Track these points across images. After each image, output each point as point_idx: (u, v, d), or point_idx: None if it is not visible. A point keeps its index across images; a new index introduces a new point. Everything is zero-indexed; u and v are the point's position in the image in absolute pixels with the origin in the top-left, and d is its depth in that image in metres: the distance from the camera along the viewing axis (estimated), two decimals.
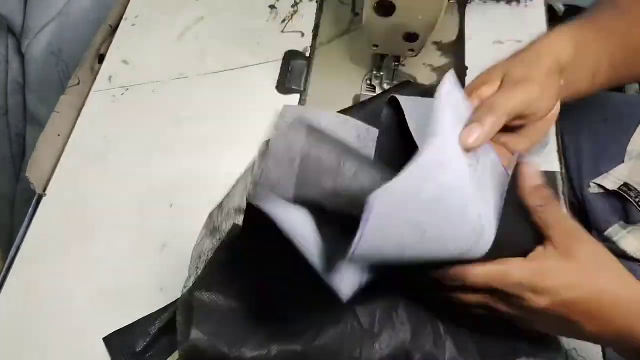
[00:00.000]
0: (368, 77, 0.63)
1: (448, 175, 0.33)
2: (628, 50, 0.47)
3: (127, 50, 0.66)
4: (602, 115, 0.64)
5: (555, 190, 0.53)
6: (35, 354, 0.47)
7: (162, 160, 0.57)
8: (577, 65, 0.44)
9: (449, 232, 0.34)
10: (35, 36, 0.78)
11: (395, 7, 0.49)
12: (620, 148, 0.60)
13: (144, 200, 0.55)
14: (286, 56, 0.65)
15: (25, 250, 0.52)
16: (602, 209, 0.58)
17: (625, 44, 0.47)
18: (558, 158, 0.56)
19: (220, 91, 0.62)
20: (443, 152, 0.33)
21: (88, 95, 0.62)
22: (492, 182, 0.38)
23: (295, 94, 0.62)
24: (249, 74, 0.64)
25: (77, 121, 0.60)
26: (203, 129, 0.59)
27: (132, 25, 0.68)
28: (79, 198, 0.55)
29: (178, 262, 0.51)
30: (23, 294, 0.50)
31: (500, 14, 0.68)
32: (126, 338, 0.47)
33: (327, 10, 0.69)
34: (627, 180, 0.57)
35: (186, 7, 0.69)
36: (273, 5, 0.70)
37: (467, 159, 0.35)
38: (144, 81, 0.63)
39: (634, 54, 0.47)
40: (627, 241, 0.52)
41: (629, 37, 0.47)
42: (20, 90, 0.84)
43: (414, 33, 0.53)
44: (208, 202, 0.54)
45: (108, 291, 0.50)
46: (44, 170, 0.56)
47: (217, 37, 0.67)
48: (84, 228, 0.53)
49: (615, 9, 0.48)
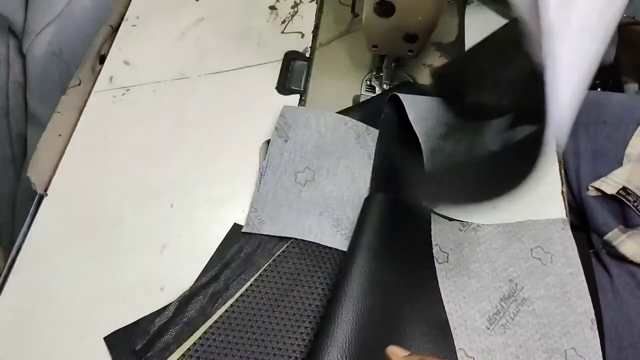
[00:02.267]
0: (368, 78, 0.64)
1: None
2: None
3: (127, 50, 0.66)
4: (600, 118, 0.64)
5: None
6: (36, 354, 0.47)
7: (162, 160, 0.57)
8: None
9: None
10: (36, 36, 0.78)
11: (394, 8, 0.50)
12: (618, 150, 0.60)
13: (144, 200, 0.55)
14: (286, 56, 0.65)
15: (26, 250, 0.52)
16: (601, 213, 0.58)
17: None
18: (557, 160, 0.56)
19: (220, 91, 0.62)
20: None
21: (89, 96, 0.62)
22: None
23: (295, 94, 0.62)
24: (249, 74, 0.64)
25: (78, 121, 0.60)
26: (203, 129, 0.60)
27: (133, 25, 0.68)
28: (80, 198, 0.55)
29: (178, 262, 0.51)
30: (24, 293, 0.50)
31: (500, 15, 0.68)
32: (127, 337, 0.47)
33: (326, 11, 0.69)
34: (626, 184, 0.57)
35: (187, 8, 0.70)
36: (273, 5, 0.70)
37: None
38: (144, 81, 0.63)
39: None
40: (626, 246, 0.52)
41: None
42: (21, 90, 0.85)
43: (413, 34, 0.53)
44: (208, 202, 0.55)
45: (108, 291, 0.50)
46: (45, 170, 0.57)
47: (218, 37, 0.67)
48: (85, 228, 0.53)
49: None
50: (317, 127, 0.57)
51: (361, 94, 0.63)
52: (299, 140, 0.56)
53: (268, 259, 0.51)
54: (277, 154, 0.56)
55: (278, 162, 0.56)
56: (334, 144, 0.56)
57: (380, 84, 0.62)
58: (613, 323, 0.50)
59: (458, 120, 0.49)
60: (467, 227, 0.52)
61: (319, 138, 0.56)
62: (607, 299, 0.51)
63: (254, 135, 0.59)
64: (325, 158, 0.55)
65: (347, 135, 0.57)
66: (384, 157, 0.56)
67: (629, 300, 0.50)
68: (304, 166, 0.55)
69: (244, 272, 0.50)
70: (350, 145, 0.56)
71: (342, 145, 0.56)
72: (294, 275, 0.50)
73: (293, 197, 0.54)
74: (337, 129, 0.57)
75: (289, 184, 0.54)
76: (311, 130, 0.57)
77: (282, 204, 0.53)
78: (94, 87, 0.63)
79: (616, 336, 0.49)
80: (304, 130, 0.57)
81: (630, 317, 0.50)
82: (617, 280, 0.51)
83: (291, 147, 0.56)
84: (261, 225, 0.52)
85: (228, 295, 0.49)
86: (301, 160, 0.55)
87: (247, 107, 0.61)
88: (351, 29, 0.68)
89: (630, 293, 0.50)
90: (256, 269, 0.50)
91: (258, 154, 0.58)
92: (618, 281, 0.51)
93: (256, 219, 0.53)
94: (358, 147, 0.56)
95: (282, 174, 0.55)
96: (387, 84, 0.62)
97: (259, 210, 0.53)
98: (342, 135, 0.57)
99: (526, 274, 0.49)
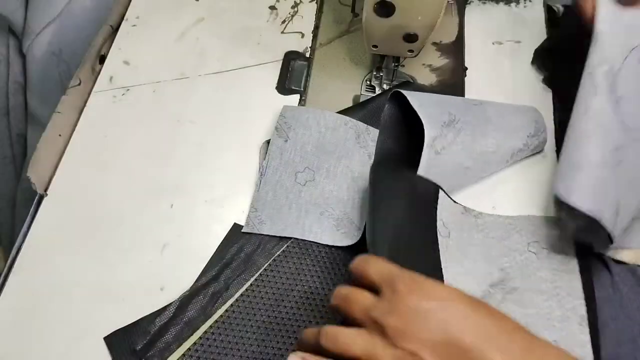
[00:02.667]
0: (368, 78, 0.64)
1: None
2: None
3: (127, 50, 0.66)
4: None
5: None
6: (36, 354, 0.47)
7: (162, 160, 0.57)
8: None
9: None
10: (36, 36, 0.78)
11: (394, 7, 0.50)
12: None
13: (144, 200, 0.55)
14: (286, 57, 0.65)
15: (26, 250, 0.52)
16: None
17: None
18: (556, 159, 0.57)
19: (221, 91, 0.62)
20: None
21: (89, 96, 0.62)
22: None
23: (295, 94, 0.62)
24: (249, 74, 0.64)
25: (78, 121, 0.60)
26: (203, 129, 0.60)
27: (133, 25, 0.68)
28: (80, 198, 0.55)
29: (178, 262, 0.51)
30: (24, 293, 0.50)
31: (500, 15, 0.68)
32: (127, 337, 0.47)
33: (326, 11, 0.69)
34: None
35: (187, 8, 0.70)
36: (273, 6, 0.70)
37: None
38: (144, 81, 0.63)
39: None
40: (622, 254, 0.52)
41: None
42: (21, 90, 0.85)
43: (413, 34, 0.53)
44: (208, 202, 0.55)
45: (108, 291, 0.50)
46: (45, 170, 0.57)
47: (218, 37, 0.67)
48: (85, 228, 0.53)
49: None
50: (317, 127, 0.57)
51: (361, 94, 0.63)
52: (299, 140, 0.56)
53: (268, 259, 0.51)
54: (277, 154, 0.56)
55: (278, 162, 0.56)
56: (334, 144, 0.56)
57: (380, 84, 0.63)
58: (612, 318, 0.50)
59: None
60: (469, 212, 0.52)
61: (319, 138, 0.56)
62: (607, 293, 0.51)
63: (254, 135, 0.59)
64: (325, 158, 0.55)
65: (347, 135, 0.57)
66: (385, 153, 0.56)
67: (628, 295, 0.50)
68: (304, 166, 0.55)
69: (244, 272, 0.50)
70: (351, 145, 0.56)
71: (342, 145, 0.56)
72: (294, 275, 0.50)
73: (293, 197, 0.54)
74: (337, 129, 0.57)
75: (289, 184, 0.54)
76: (311, 130, 0.57)
77: (282, 204, 0.53)
78: (94, 87, 0.63)
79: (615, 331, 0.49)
80: (304, 130, 0.57)
81: (629, 313, 0.50)
82: (617, 277, 0.51)
83: (291, 147, 0.56)
84: (261, 225, 0.52)
85: (228, 295, 0.49)
86: (301, 161, 0.55)
87: (247, 107, 0.61)
88: (351, 29, 0.68)
89: (630, 289, 0.50)
90: (256, 269, 0.50)
91: (258, 154, 0.58)
92: (618, 277, 0.51)
93: (256, 219, 0.53)
94: (358, 147, 0.56)
95: (282, 174, 0.55)
96: (387, 84, 0.62)
97: (259, 210, 0.53)
98: (342, 135, 0.57)
99: (519, 265, 0.49)
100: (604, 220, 0.43)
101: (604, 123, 0.44)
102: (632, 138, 0.44)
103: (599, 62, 0.45)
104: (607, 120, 0.44)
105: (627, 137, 0.44)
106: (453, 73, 0.64)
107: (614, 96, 0.44)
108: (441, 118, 0.50)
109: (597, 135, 0.44)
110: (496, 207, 0.54)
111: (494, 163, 0.54)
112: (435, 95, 0.55)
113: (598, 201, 0.43)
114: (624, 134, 0.44)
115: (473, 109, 0.54)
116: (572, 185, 0.43)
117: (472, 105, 0.54)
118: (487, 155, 0.53)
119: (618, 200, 0.44)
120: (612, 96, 0.44)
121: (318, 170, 0.55)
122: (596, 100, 0.45)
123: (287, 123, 0.57)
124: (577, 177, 0.43)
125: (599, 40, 0.46)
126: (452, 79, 0.63)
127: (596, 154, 0.44)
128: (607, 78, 0.45)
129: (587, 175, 0.43)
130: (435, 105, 0.51)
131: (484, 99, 0.57)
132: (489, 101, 0.56)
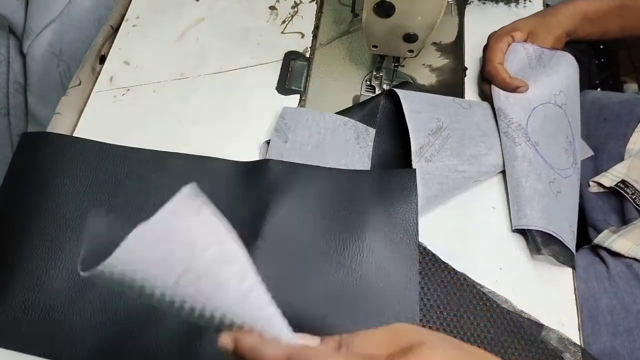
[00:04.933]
0: (368, 78, 0.64)
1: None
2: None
3: (128, 50, 0.66)
4: (601, 115, 0.64)
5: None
6: None
7: None
8: (585, 30, 0.60)
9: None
10: (36, 36, 0.78)
11: (394, 8, 0.50)
12: (619, 147, 0.60)
13: None
14: (286, 57, 0.65)
15: None
16: (599, 208, 0.59)
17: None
18: None
19: (221, 91, 0.62)
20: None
21: (89, 96, 0.62)
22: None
23: (295, 94, 0.62)
24: (249, 74, 0.64)
25: (78, 122, 0.60)
26: (203, 129, 0.60)
27: (133, 26, 0.68)
28: None
29: None
30: None
31: (499, 15, 0.68)
32: None
33: (326, 11, 0.70)
34: (625, 178, 0.57)
35: (187, 8, 0.70)
36: (273, 6, 0.70)
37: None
38: (144, 82, 0.63)
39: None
40: (618, 243, 0.52)
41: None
42: (22, 90, 0.85)
43: (413, 34, 0.53)
44: None
45: None
46: None
47: (218, 37, 0.67)
48: None
49: None
50: (316, 128, 0.57)
51: (361, 94, 0.63)
52: (299, 141, 0.56)
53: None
54: (276, 156, 0.56)
55: None
56: (333, 144, 0.56)
57: (380, 84, 0.63)
58: (609, 309, 0.50)
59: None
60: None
61: (319, 139, 0.56)
62: (604, 285, 0.52)
63: (254, 136, 0.59)
64: (324, 159, 0.55)
65: (346, 135, 0.57)
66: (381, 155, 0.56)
67: (624, 288, 0.51)
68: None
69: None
70: (350, 145, 0.56)
71: (342, 146, 0.56)
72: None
73: None
74: (336, 130, 0.57)
75: None
76: (311, 131, 0.57)
77: None
78: (94, 87, 0.63)
79: (612, 322, 0.50)
80: (303, 131, 0.57)
81: (625, 304, 0.50)
82: (613, 270, 0.52)
83: (290, 148, 0.56)
84: None
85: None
86: (301, 161, 0.55)
87: (247, 107, 0.61)
88: (351, 29, 0.68)
89: (627, 282, 0.51)
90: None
91: (258, 154, 0.58)
92: (615, 270, 0.52)
93: None
94: (358, 147, 0.56)
95: None
96: (387, 84, 0.62)
97: None
98: (342, 136, 0.57)
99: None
100: (558, 233, 0.50)
101: (533, 162, 0.53)
102: (560, 175, 0.53)
103: (507, 123, 0.55)
104: (534, 160, 0.53)
105: (555, 173, 0.53)
106: (453, 73, 0.64)
107: (531, 142, 0.53)
108: (429, 125, 0.53)
109: (534, 172, 0.52)
110: (496, 207, 0.54)
111: (490, 165, 0.54)
112: (427, 96, 0.56)
113: (550, 222, 0.50)
114: (552, 170, 0.53)
115: (462, 113, 0.56)
116: (528, 214, 0.51)
117: (461, 109, 0.56)
118: (481, 158, 0.53)
119: (569, 221, 0.52)
120: (530, 142, 0.53)
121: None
122: (519, 148, 0.53)
123: (286, 124, 0.57)
124: (529, 206, 0.51)
125: (502, 113, 0.55)
126: (452, 79, 0.63)
127: (539, 185, 0.52)
128: (519, 131, 0.54)
129: (537, 202, 0.51)
130: (425, 110, 0.54)
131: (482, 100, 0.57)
132: (479, 103, 0.58)
